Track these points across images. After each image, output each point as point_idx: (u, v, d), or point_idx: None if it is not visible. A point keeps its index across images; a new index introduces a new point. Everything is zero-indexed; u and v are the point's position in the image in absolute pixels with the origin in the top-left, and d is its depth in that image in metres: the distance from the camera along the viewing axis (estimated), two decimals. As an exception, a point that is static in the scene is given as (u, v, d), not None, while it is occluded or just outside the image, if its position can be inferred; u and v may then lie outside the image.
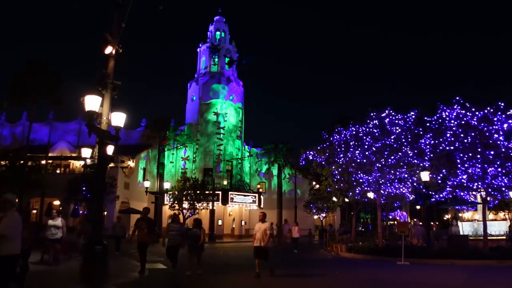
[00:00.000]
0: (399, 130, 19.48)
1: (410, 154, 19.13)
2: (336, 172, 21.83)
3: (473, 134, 18.13)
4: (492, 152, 17.88)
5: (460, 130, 18.37)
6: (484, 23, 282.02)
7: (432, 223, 37.82)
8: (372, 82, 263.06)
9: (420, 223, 27.28)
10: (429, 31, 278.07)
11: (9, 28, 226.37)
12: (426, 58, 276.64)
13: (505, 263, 15.50)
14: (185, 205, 35.73)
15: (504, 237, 24.93)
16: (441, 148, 18.69)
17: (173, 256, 12.29)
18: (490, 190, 18.92)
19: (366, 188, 21.51)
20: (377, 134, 19.88)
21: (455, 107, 18.91)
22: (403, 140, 19.31)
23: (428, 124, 19.49)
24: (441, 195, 20.49)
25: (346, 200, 28.58)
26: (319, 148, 22.11)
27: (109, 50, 10.60)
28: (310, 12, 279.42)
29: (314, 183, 42.02)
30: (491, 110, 18.47)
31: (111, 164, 31.58)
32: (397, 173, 19.95)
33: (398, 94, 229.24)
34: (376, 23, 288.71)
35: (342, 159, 21.01)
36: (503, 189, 18.93)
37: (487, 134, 18.07)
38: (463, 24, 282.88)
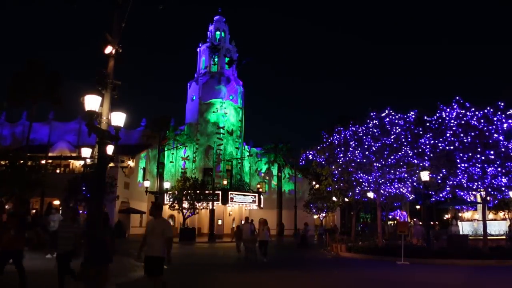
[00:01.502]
0: (399, 130, 19.50)
1: (410, 154, 19.15)
2: (336, 172, 21.86)
3: (473, 134, 18.15)
4: (492, 152, 17.90)
5: (460, 130, 18.38)
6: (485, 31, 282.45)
7: (432, 223, 37.80)
8: (372, 82, 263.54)
9: (420, 223, 27.29)
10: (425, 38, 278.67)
11: (9, 28, 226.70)
12: (424, 64, 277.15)
13: (505, 263, 15.53)
14: (185, 205, 35.82)
15: (504, 237, 24.93)
16: (441, 148, 18.70)
17: (63, 269, 8.44)
18: (490, 190, 18.94)
19: (366, 188, 21.54)
20: (377, 134, 19.90)
21: (455, 107, 18.93)
22: (403, 140, 19.33)
23: (428, 124, 19.51)
24: (441, 195, 20.51)
25: (346, 200, 28.61)
26: (319, 148, 22.13)
27: (109, 50, 10.58)
28: (311, 13, 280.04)
29: (314, 183, 42.05)
30: (491, 110, 18.50)
31: (111, 164, 31.60)
32: (397, 173, 19.98)
33: (398, 94, 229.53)
34: (379, 24, 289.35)
35: (342, 159, 21.03)
36: (503, 189, 18.95)
37: (487, 134, 18.09)
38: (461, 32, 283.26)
